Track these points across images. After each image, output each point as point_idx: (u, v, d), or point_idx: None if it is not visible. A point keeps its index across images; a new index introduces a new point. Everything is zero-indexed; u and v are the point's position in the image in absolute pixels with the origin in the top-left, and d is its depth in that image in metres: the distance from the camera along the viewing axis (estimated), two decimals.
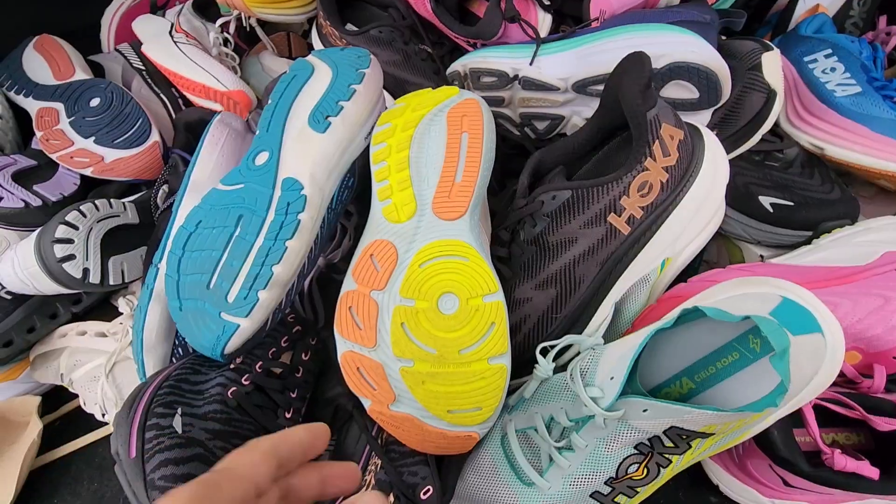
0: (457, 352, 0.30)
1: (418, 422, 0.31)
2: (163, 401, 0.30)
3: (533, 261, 0.35)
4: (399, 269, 0.32)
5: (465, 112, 0.35)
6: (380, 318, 0.31)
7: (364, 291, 0.32)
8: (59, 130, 0.53)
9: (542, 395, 0.35)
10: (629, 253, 0.34)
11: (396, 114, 0.37)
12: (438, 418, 0.31)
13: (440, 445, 0.32)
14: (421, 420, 0.31)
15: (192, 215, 0.34)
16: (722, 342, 0.32)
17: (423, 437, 0.32)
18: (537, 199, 0.33)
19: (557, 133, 0.48)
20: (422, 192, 0.34)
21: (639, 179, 0.32)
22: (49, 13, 0.66)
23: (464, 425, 0.31)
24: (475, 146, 0.33)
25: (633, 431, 0.30)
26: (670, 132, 0.32)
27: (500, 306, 0.31)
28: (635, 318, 0.40)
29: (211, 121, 0.45)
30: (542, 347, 0.35)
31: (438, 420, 0.31)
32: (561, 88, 0.42)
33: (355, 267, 0.33)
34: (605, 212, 0.32)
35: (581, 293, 0.34)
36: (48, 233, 0.44)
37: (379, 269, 0.32)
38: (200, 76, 0.56)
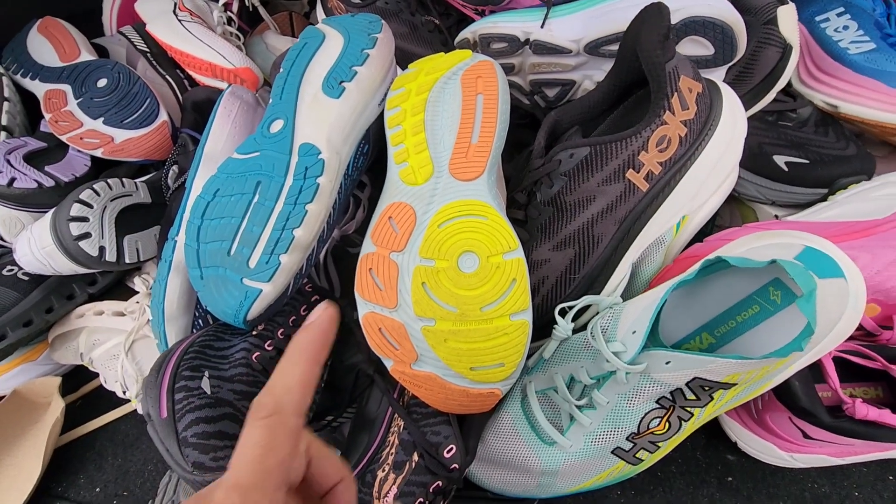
0: (478, 309, 0.31)
1: (441, 380, 0.31)
2: (189, 364, 0.30)
3: (550, 222, 0.35)
4: (418, 230, 0.32)
5: (480, 73, 0.34)
6: (400, 278, 0.32)
7: (384, 253, 0.32)
8: (67, 112, 0.53)
9: (562, 356, 0.36)
10: (647, 210, 0.34)
11: (410, 78, 0.37)
12: (461, 376, 0.31)
13: (463, 403, 0.32)
14: (443, 378, 0.31)
15: (209, 184, 0.34)
16: (741, 296, 0.32)
17: (446, 395, 0.32)
18: (554, 157, 0.33)
19: (568, 100, 0.48)
20: (438, 154, 0.34)
21: (657, 134, 0.32)
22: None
23: (486, 382, 0.31)
24: (491, 107, 0.33)
25: (656, 385, 0.31)
26: (689, 85, 0.32)
27: (520, 263, 0.31)
28: (652, 280, 0.40)
29: (222, 93, 0.44)
30: (561, 308, 0.36)
31: (461, 378, 0.31)
32: (573, 51, 0.41)
33: (374, 229, 0.33)
34: (624, 168, 0.32)
35: (599, 252, 0.34)
36: (63, 211, 0.44)
37: (398, 231, 0.32)
38: (207, 54, 0.56)
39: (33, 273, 0.48)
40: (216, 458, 0.26)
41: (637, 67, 0.33)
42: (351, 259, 0.48)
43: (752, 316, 0.32)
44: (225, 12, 0.64)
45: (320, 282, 0.44)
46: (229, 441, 0.27)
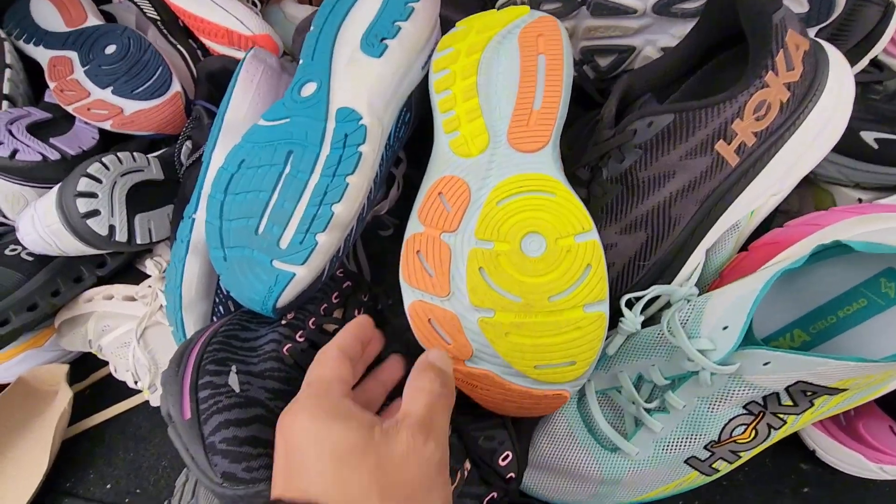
0: (546, 299, 0.27)
1: (499, 379, 0.27)
2: (214, 357, 0.26)
3: (618, 201, 0.30)
4: (473, 208, 0.28)
5: (541, 31, 0.30)
6: (453, 263, 0.28)
7: (433, 234, 0.28)
8: (73, 80, 0.49)
9: (629, 352, 0.32)
10: (734, 188, 0.29)
11: (459, 37, 0.32)
12: (523, 375, 0.27)
13: (523, 406, 0.29)
14: (502, 377, 0.27)
15: (232, 154, 0.30)
16: (846, 288, 0.28)
17: (505, 396, 0.28)
18: (629, 127, 0.28)
19: (622, 70, 0.43)
20: (494, 123, 0.29)
21: (757, 98, 0.27)
22: None
23: (553, 382, 0.27)
24: (555, 69, 0.29)
25: (747, 388, 0.27)
26: (796, 41, 0.27)
27: (595, 246, 0.27)
28: (723, 269, 0.36)
29: (244, 57, 0.40)
30: (627, 299, 0.32)
31: (523, 377, 0.27)
32: (638, 11, 0.37)
33: (422, 207, 0.29)
34: (714, 138, 0.28)
35: (675, 236, 0.30)
36: (70, 186, 0.41)
37: (450, 209, 0.28)
38: (224, 19, 0.51)
39: (38, 253, 0.45)
40: (249, 468, 0.22)
41: (728, 23, 0.28)
42: (381, 242, 0.44)
43: (858, 311, 0.28)
44: None
45: (349, 266, 0.41)
46: (263, 448, 0.23)
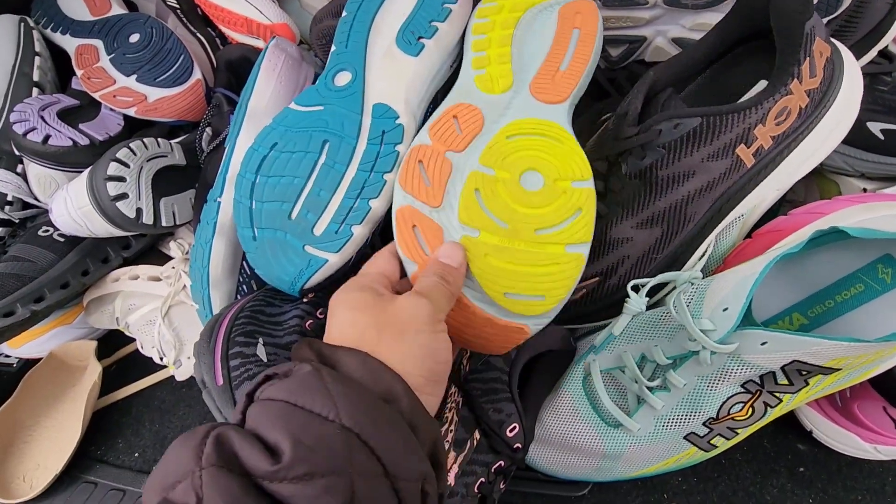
0: (532, 230, 0.27)
1: (466, 301, 0.28)
2: (242, 330, 0.28)
3: (635, 196, 0.31)
4: (483, 136, 0.29)
5: (580, 10, 0.31)
6: (451, 179, 0.29)
7: (439, 149, 0.29)
8: (100, 68, 0.51)
9: (633, 332, 0.33)
10: (746, 187, 0.30)
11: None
12: (491, 300, 0.27)
13: (482, 334, 0.29)
14: (470, 300, 0.28)
15: (264, 136, 0.31)
16: (844, 273, 0.29)
17: (467, 321, 0.28)
18: (654, 127, 0.29)
19: (633, 60, 0.44)
20: (521, 71, 0.31)
21: (780, 105, 0.28)
22: None
23: (518, 314, 0.28)
24: (586, 42, 0.30)
25: (745, 367, 0.28)
26: (821, 48, 0.28)
27: (590, 194, 0.28)
28: (727, 255, 0.37)
29: (266, 46, 0.42)
30: (633, 284, 0.33)
31: (490, 303, 0.28)
32: (650, 2, 0.38)
33: (434, 124, 0.30)
34: (736, 142, 0.29)
35: (687, 232, 0.31)
36: (100, 170, 0.42)
37: (461, 132, 0.29)
38: (243, 8, 0.53)
39: (69, 235, 0.47)
40: None
41: (757, 22, 0.29)
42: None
43: (855, 296, 0.29)
44: None
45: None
46: None
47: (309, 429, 0.17)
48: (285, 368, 0.20)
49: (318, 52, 0.52)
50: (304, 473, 0.16)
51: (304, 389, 0.18)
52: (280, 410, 0.18)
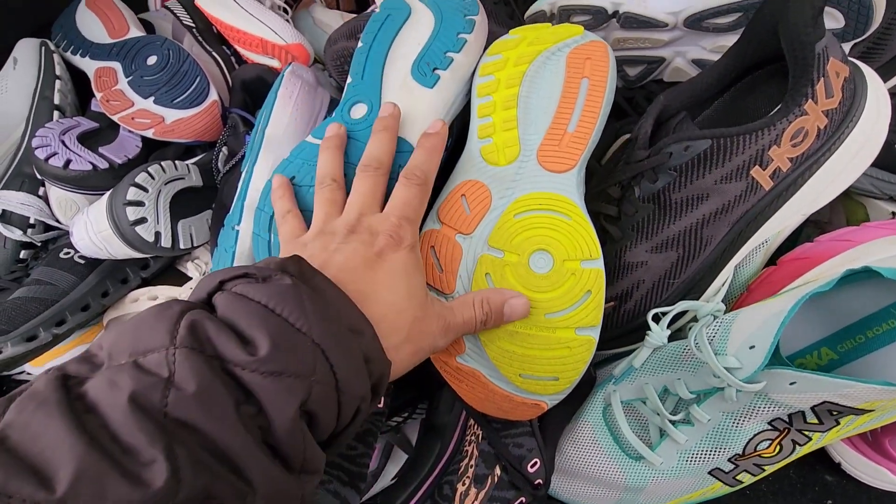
0: (543, 314, 0.28)
1: (484, 379, 0.29)
2: None
3: (650, 220, 0.31)
4: (491, 216, 0.29)
5: (590, 55, 0.31)
6: (463, 263, 0.29)
7: (449, 233, 0.30)
8: (118, 91, 0.51)
9: (655, 365, 0.33)
10: (766, 211, 0.30)
11: (510, 45, 0.33)
12: (508, 380, 0.29)
13: (502, 408, 0.30)
14: (488, 378, 0.29)
15: (283, 169, 0.31)
16: (875, 308, 0.28)
17: (486, 395, 0.29)
18: (665, 150, 0.29)
19: (651, 80, 0.44)
20: (527, 137, 0.30)
21: (795, 125, 0.27)
22: None
23: (534, 393, 0.29)
24: (596, 95, 0.30)
25: (773, 406, 0.27)
26: (837, 68, 0.27)
27: (598, 274, 0.28)
28: (751, 282, 0.36)
29: (282, 74, 0.42)
30: (654, 314, 0.32)
31: (507, 382, 0.29)
32: (669, 25, 0.37)
33: (443, 205, 0.31)
34: (749, 164, 0.28)
35: (705, 256, 0.31)
36: (119, 195, 0.43)
37: (469, 212, 0.30)
38: (258, 29, 0.53)
39: (89, 257, 0.48)
40: None
41: (769, 46, 0.28)
42: None
43: (887, 332, 0.28)
44: None
45: None
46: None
47: (284, 335, 0.19)
48: (264, 273, 0.21)
49: (332, 73, 0.52)
50: (274, 370, 0.18)
51: (282, 299, 0.20)
52: (258, 311, 0.19)
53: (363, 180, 0.29)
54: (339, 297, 0.22)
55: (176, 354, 0.17)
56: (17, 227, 0.47)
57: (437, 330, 0.26)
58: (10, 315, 0.42)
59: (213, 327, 0.18)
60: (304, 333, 0.19)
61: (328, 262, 0.25)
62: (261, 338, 0.18)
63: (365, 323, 0.22)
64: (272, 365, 0.18)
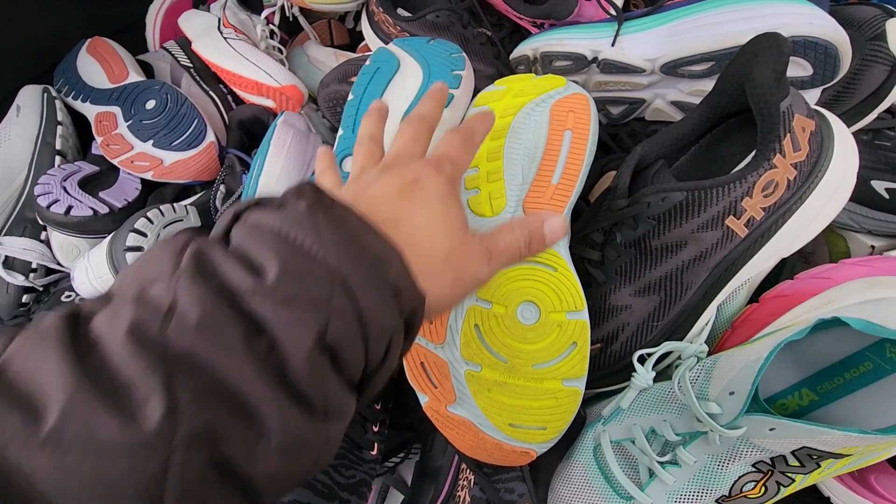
0: (530, 365, 0.29)
1: (475, 428, 0.30)
2: None
3: (632, 265, 0.32)
4: None
5: (572, 108, 0.32)
6: (452, 315, 0.30)
7: None
8: (118, 135, 0.53)
9: (642, 406, 0.33)
10: (743, 256, 0.31)
11: (496, 97, 0.34)
12: (497, 429, 0.29)
13: (493, 456, 0.31)
14: (478, 427, 0.30)
15: None
16: (851, 350, 0.29)
17: (477, 444, 0.30)
18: (643, 200, 0.30)
19: (634, 118, 0.45)
20: (513, 188, 0.31)
21: (765, 178, 0.28)
22: (96, 13, 0.65)
23: (524, 441, 0.30)
24: (578, 147, 0.31)
25: (754, 449, 0.28)
26: (802, 124, 0.28)
27: (583, 326, 0.29)
28: (734, 318, 0.37)
29: (274, 123, 0.43)
30: (640, 355, 0.33)
31: (497, 431, 0.30)
32: (647, 70, 0.38)
33: None
34: (724, 215, 0.29)
35: (686, 299, 0.31)
36: (119, 241, 0.44)
37: None
38: (253, 72, 0.55)
39: None
40: None
41: (738, 100, 0.30)
42: None
43: (865, 374, 0.29)
44: (267, 25, 0.62)
45: None
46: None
47: (297, 260, 0.17)
48: (279, 200, 0.19)
49: (326, 114, 0.53)
50: (284, 297, 0.16)
51: (296, 224, 0.18)
52: (270, 236, 0.18)
53: (405, 127, 0.27)
54: (361, 224, 0.20)
55: (179, 281, 0.16)
56: (19, 272, 0.49)
57: (479, 256, 0.24)
58: None
59: (219, 253, 0.17)
60: (318, 259, 0.17)
61: (360, 196, 0.23)
62: (270, 263, 0.17)
63: (392, 250, 0.19)
64: (281, 290, 0.16)
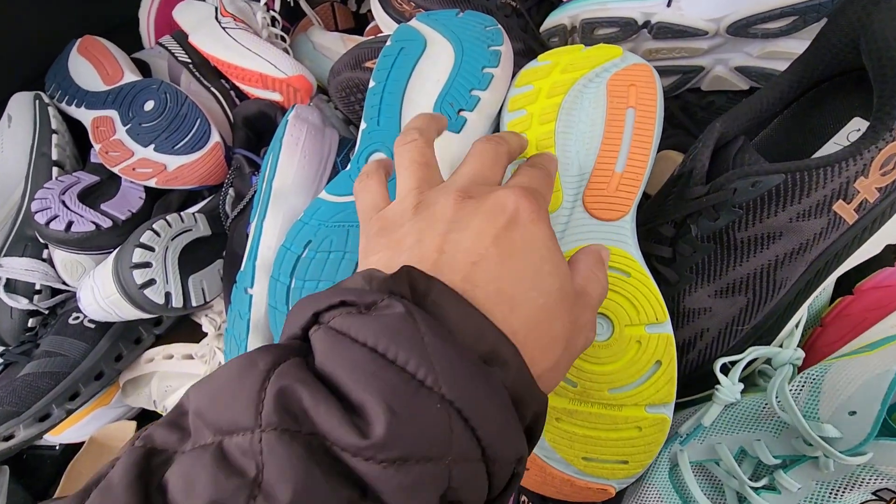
0: (605, 390, 0.25)
1: (541, 462, 0.25)
2: None
3: (711, 261, 0.27)
4: None
5: (633, 81, 0.27)
6: None
7: None
8: (117, 141, 0.49)
9: (728, 423, 0.29)
10: (849, 246, 0.26)
11: (541, 73, 0.29)
12: (569, 463, 0.25)
13: (563, 492, 0.27)
14: (545, 461, 0.25)
15: (297, 234, 0.28)
16: None
17: (544, 479, 0.26)
18: (728, 186, 0.25)
19: (689, 89, 0.40)
20: (570, 180, 0.27)
21: (886, 153, 0.23)
22: (86, 11, 0.61)
23: (600, 477, 0.25)
24: (645, 128, 0.26)
25: (880, 477, 0.24)
26: None
27: (668, 341, 0.25)
28: (824, 315, 0.32)
29: (285, 119, 0.39)
30: (723, 364, 0.29)
31: (568, 465, 0.25)
32: (709, 32, 0.33)
33: None
34: (832, 199, 0.24)
35: (778, 299, 0.27)
36: (125, 258, 0.40)
37: None
38: (257, 64, 0.50)
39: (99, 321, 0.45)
40: None
41: (844, 60, 0.24)
42: None
43: None
44: (268, 12, 0.58)
45: None
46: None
47: (405, 396, 0.14)
48: (366, 299, 0.16)
49: (338, 104, 0.49)
50: (397, 457, 0.13)
51: (394, 336, 0.15)
52: (365, 360, 0.14)
53: (484, 146, 0.22)
54: (467, 317, 0.16)
55: (263, 441, 0.13)
56: (22, 295, 0.45)
57: (590, 318, 0.20)
58: (21, 395, 0.40)
59: (308, 393, 0.14)
60: (428, 388, 0.14)
61: (443, 250, 0.18)
62: (373, 404, 0.14)
63: (508, 347, 0.16)
64: (393, 449, 0.13)
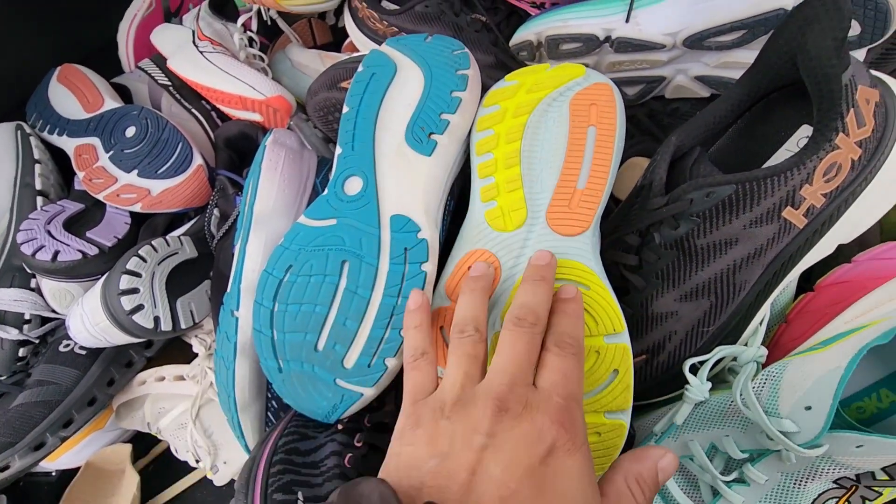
0: None
1: None
2: (279, 483, 0.26)
3: (675, 268, 0.29)
4: (502, 289, 0.27)
5: (595, 100, 0.28)
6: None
7: None
8: (100, 168, 0.50)
9: (699, 421, 0.30)
10: (802, 248, 0.27)
11: (507, 93, 0.30)
12: None
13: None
14: None
15: (278, 258, 0.29)
16: None
17: None
18: (684, 197, 0.27)
19: (652, 97, 0.41)
20: (534, 197, 0.28)
21: (826, 162, 0.25)
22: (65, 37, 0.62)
23: None
24: (605, 145, 0.27)
25: (837, 467, 0.25)
26: (867, 95, 0.25)
27: (625, 351, 0.26)
28: (788, 311, 0.34)
29: (263, 144, 0.40)
30: (691, 364, 0.30)
31: None
32: (667, 46, 0.34)
33: (450, 280, 0.28)
34: (780, 206, 0.26)
35: (739, 301, 0.28)
36: (113, 285, 0.41)
37: None
38: (236, 87, 0.51)
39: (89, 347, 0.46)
40: None
41: (785, 74, 0.26)
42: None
43: None
44: (245, 33, 0.59)
45: None
46: None
47: None
48: None
49: (317, 123, 0.50)
50: None
51: None
52: None
53: (517, 337, 0.22)
54: None
55: None
56: (12, 325, 0.46)
57: None
58: (15, 425, 0.40)
59: None
60: None
61: (475, 471, 0.18)
62: None
63: None
64: None
